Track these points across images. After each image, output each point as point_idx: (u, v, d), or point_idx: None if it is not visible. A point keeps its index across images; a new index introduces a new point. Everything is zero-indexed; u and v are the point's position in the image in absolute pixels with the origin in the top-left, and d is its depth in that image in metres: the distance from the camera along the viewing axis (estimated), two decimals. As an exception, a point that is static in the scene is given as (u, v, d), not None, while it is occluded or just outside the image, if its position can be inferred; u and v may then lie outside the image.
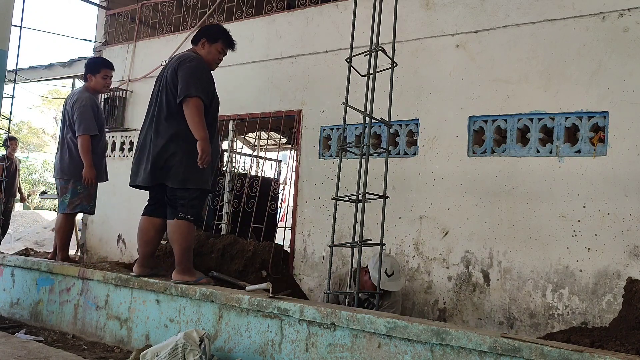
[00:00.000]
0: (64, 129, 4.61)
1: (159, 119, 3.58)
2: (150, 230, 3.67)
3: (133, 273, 3.71)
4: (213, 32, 3.79)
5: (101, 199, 6.91)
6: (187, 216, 3.50)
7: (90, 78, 4.67)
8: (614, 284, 3.54)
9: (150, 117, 3.67)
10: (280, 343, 2.88)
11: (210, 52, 3.74)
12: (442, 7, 4.46)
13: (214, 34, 3.79)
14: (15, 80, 6.85)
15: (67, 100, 4.71)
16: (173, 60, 3.69)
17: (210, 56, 3.75)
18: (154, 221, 3.68)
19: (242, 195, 5.47)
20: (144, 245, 3.70)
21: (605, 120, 3.70)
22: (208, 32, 3.80)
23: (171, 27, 6.59)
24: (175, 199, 3.52)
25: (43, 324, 4.12)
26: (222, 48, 3.81)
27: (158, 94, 3.66)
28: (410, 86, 4.51)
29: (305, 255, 5.00)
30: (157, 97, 3.65)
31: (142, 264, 3.70)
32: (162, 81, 3.66)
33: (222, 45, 3.80)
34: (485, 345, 2.25)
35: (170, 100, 3.56)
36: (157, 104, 3.63)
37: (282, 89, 5.36)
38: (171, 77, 3.57)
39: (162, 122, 3.57)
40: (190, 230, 3.55)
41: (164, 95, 3.59)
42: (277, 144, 9.86)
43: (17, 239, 10.93)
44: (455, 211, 4.20)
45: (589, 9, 3.81)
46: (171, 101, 3.55)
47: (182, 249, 3.51)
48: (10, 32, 4.41)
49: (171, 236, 3.54)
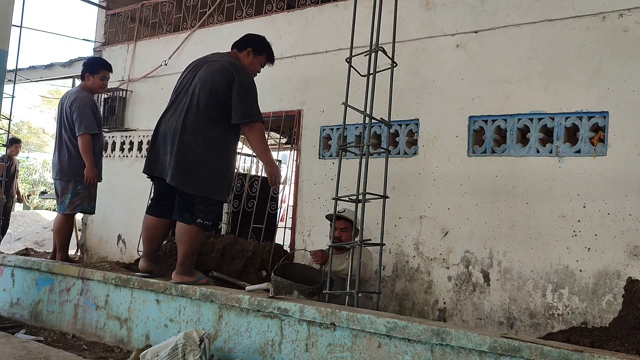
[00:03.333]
0: (62, 130, 4.57)
1: (192, 117, 3.38)
2: (159, 230, 3.60)
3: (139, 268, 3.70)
4: (260, 44, 3.74)
5: (101, 199, 6.90)
6: (205, 222, 3.39)
7: (88, 77, 4.66)
8: (614, 284, 3.54)
9: (180, 108, 3.44)
10: (280, 343, 2.88)
11: (253, 62, 3.70)
12: (442, 7, 4.46)
13: (261, 46, 3.74)
14: (15, 80, 6.85)
15: (64, 100, 4.65)
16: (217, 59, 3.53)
17: (252, 67, 3.69)
18: (163, 222, 3.59)
19: (242, 195, 5.47)
20: (150, 242, 3.64)
21: (605, 120, 3.70)
22: (256, 42, 3.74)
23: (171, 27, 6.58)
24: (193, 204, 3.39)
25: (43, 324, 4.12)
26: (264, 62, 3.78)
27: (194, 88, 3.44)
28: (410, 86, 4.51)
29: (305, 255, 5.00)
30: (193, 91, 3.43)
31: (148, 259, 3.65)
32: (202, 77, 3.44)
33: (266, 59, 3.78)
34: (485, 345, 2.25)
35: (213, 103, 3.38)
36: (191, 98, 3.42)
37: (282, 89, 5.36)
38: (221, 79, 3.38)
39: (196, 122, 3.37)
40: (200, 235, 3.49)
41: (205, 94, 3.39)
42: (277, 144, 9.86)
43: (17, 239, 10.94)
44: (455, 211, 4.20)
45: (589, 9, 3.80)
46: (215, 105, 3.38)
47: (188, 252, 3.44)
48: (10, 32, 4.40)
49: (180, 237, 3.45)
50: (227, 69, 3.43)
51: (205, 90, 3.40)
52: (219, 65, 3.46)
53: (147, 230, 3.64)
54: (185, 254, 3.45)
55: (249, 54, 3.68)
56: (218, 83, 3.40)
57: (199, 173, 3.36)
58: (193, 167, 3.36)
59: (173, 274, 3.52)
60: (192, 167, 3.36)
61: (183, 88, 3.53)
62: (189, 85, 3.50)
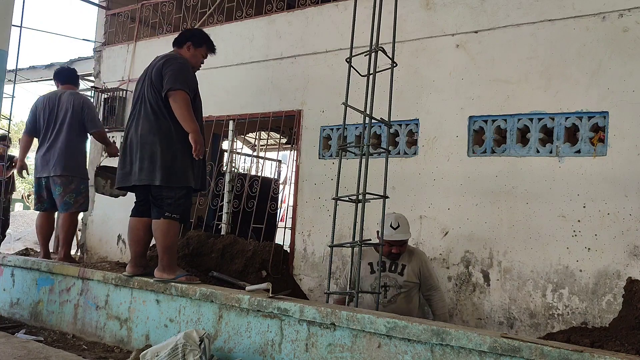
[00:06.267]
0: (62, 126, 4.55)
1: (143, 118, 3.61)
2: (140, 230, 3.69)
3: (125, 273, 3.71)
4: (198, 37, 3.91)
5: (101, 199, 6.92)
6: (173, 215, 3.52)
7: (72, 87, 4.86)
8: (614, 284, 3.54)
9: (134, 116, 3.68)
10: (280, 343, 2.88)
11: (194, 55, 3.85)
12: (442, 7, 4.46)
13: (199, 38, 3.91)
14: (15, 80, 6.86)
15: (63, 97, 4.65)
16: (157, 60, 3.73)
17: (194, 59, 3.85)
18: (143, 221, 3.69)
19: (242, 195, 5.47)
20: (134, 245, 3.74)
21: (605, 120, 3.70)
22: (193, 36, 3.92)
23: (171, 27, 6.58)
24: (162, 199, 3.53)
25: (43, 324, 4.12)
26: (206, 52, 3.94)
27: (141, 93, 3.68)
28: (410, 86, 4.51)
29: (305, 255, 5.00)
30: (141, 96, 3.68)
31: (135, 263, 3.72)
32: (145, 81, 3.69)
33: (206, 49, 3.93)
34: (485, 345, 2.25)
35: (155, 98, 3.58)
36: (142, 103, 3.65)
37: (282, 89, 5.36)
38: (156, 75, 3.60)
39: (146, 120, 3.59)
40: (172, 229, 3.55)
41: (149, 93, 3.61)
42: (277, 144, 9.87)
43: (17, 239, 10.93)
44: (455, 211, 4.20)
45: (589, 9, 3.81)
46: (157, 99, 3.58)
47: (164, 247, 3.53)
48: (10, 32, 4.41)
49: (155, 234, 3.57)
50: (161, 64, 3.64)
51: (150, 89, 3.62)
52: (156, 64, 3.68)
53: (130, 232, 3.74)
54: (162, 250, 3.53)
55: (189, 47, 3.86)
56: (155, 77, 3.61)
57: (158, 163, 3.51)
58: (153, 159, 3.52)
59: (154, 270, 3.55)
60: (152, 159, 3.52)
61: (135, 99, 3.76)
62: (140, 94, 3.71)
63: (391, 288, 3.83)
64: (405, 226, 3.84)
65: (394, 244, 3.77)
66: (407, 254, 3.89)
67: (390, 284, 3.83)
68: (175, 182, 3.53)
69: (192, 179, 3.60)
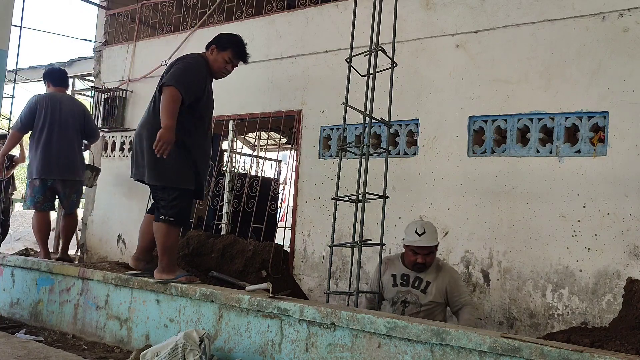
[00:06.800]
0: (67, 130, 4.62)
1: (145, 112, 3.61)
2: (148, 226, 3.70)
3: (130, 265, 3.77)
4: (223, 40, 3.70)
5: (101, 199, 6.93)
6: (166, 217, 3.45)
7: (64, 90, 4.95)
8: (614, 284, 3.54)
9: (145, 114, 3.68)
10: (280, 343, 2.88)
11: (216, 59, 3.64)
12: (442, 7, 4.46)
13: (224, 42, 3.69)
14: (15, 80, 6.86)
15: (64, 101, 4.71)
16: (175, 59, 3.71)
17: (216, 64, 3.65)
18: (151, 218, 3.69)
19: (242, 195, 5.47)
20: (140, 239, 3.78)
21: (605, 120, 3.70)
22: (219, 39, 3.72)
23: (171, 27, 6.59)
24: (157, 199, 3.53)
25: (43, 324, 4.11)
26: (230, 58, 3.67)
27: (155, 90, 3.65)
28: (410, 86, 4.51)
29: (305, 255, 5.00)
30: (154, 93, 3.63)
31: (137, 257, 3.76)
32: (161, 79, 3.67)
33: (231, 55, 3.67)
34: (485, 345, 2.25)
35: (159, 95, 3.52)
36: (152, 99, 3.63)
37: (282, 89, 5.36)
38: (166, 72, 3.57)
39: (146, 115, 3.59)
40: (169, 231, 3.49)
41: (157, 90, 3.57)
42: (277, 144, 9.87)
43: (17, 239, 10.94)
44: (455, 211, 4.20)
45: (589, 9, 3.81)
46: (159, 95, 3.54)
47: (162, 249, 3.51)
48: (10, 32, 4.40)
49: (154, 235, 3.55)
50: (174, 61, 3.59)
51: (158, 86, 3.55)
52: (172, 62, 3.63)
53: (140, 227, 3.79)
54: (161, 251, 3.53)
55: (212, 51, 3.68)
56: (165, 73, 3.55)
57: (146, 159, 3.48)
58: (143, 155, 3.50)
59: (154, 271, 3.55)
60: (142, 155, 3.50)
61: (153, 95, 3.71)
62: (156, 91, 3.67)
63: (410, 305, 3.54)
64: (433, 234, 3.55)
65: (418, 252, 3.49)
66: (434, 269, 3.57)
67: (411, 301, 3.54)
68: (164, 181, 3.45)
69: (183, 181, 3.49)
